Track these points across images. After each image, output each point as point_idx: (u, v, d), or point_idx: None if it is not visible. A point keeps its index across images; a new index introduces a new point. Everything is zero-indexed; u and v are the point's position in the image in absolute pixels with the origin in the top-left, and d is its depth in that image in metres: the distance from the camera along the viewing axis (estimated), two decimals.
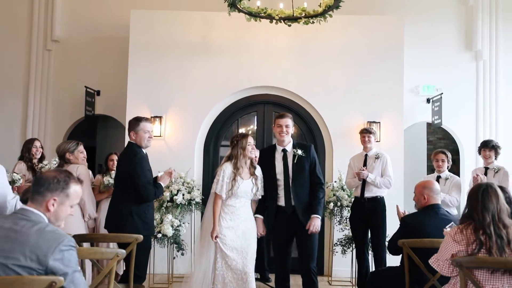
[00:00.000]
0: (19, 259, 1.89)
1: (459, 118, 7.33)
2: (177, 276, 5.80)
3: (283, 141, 4.08)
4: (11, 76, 7.34)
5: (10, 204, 2.68)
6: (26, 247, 1.91)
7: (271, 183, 4.05)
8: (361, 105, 6.42)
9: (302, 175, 4.01)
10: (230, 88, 6.45)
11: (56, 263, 1.89)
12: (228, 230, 3.92)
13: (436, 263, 2.76)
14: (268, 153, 4.18)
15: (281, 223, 4.02)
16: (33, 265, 1.89)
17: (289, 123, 4.10)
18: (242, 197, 3.98)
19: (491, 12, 7.39)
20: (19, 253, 1.90)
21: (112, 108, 7.26)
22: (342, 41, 6.46)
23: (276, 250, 4.12)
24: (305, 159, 4.03)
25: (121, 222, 3.80)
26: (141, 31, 6.45)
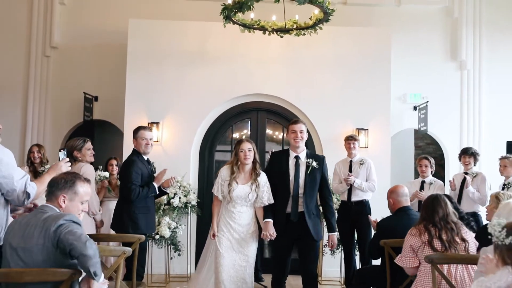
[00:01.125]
0: (33, 238, 2.23)
1: (444, 125, 7.64)
2: (173, 276, 6.02)
3: (298, 147, 4.02)
4: (11, 82, 7.53)
5: (19, 184, 2.71)
6: (38, 228, 2.25)
7: (284, 189, 3.97)
8: (350, 113, 6.70)
9: (314, 187, 3.98)
10: (225, 95, 6.70)
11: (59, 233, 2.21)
12: (224, 233, 3.96)
13: (399, 260, 3.24)
14: (280, 157, 4.11)
15: (286, 229, 3.96)
16: (45, 241, 2.22)
17: (303, 128, 4.04)
18: (237, 203, 3.98)
19: (475, 24, 7.73)
20: (34, 234, 2.25)
21: (109, 113, 7.47)
22: (332, 51, 6.74)
23: (278, 255, 4.07)
24: (317, 171, 3.99)
25: (113, 221, 4.41)
26: (139, 40, 6.68)
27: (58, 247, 2.22)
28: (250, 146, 4.06)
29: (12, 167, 2.72)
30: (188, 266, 6.20)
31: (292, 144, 4.07)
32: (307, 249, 3.96)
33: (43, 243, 2.23)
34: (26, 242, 2.24)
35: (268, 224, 3.91)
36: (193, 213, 6.13)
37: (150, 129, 4.81)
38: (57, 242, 2.22)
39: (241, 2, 4.98)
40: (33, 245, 2.23)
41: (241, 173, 4.03)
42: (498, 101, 7.67)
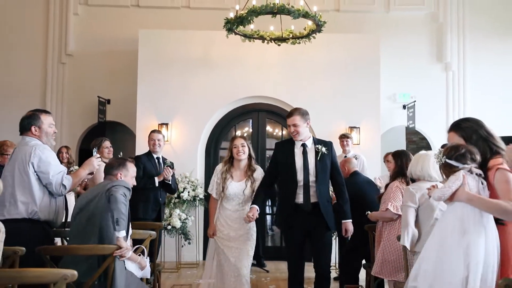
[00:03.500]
0: (98, 192, 3.06)
1: (432, 122, 8.24)
2: (184, 263, 6.66)
3: (297, 140, 3.84)
4: (29, 87, 8.14)
5: (54, 178, 3.20)
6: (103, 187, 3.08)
7: (291, 179, 3.77)
8: (343, 112, 7.30)
9: (325, 173, 3.80)
10: (227, 98, 7.32)
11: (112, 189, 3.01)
12: (222, 231, 3.98)
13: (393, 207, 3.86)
14: (285, 147, 3.91)
15: (298, 222, 3.76)
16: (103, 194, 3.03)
17: (297, 121, 3.77)
18: (233, 200, 3.96)
19: (459, 29, 8.32)
20: (99, 191, 3.07)
21: (121, 115, 8.09)
22: (325, 56, 7.34)
23: (292, 250, 3.81)
24: (327, 157, 3.82)
25: None
26: (149, 48, 7.28)
27: (108, 199, 2.98)
28: (243, 141, 4.00)
29: (49, 164, 3.25)
30: (197, 253, 6.84)
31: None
32: (321, 242, 3.76)
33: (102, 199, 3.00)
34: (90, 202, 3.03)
35: (252, 208, 3.78)
36: (200, 205, 6.76)
37: (159, 132, 5.54)
38: (109, 194, 2.99)
39: (242, 17, 5.59)
40: (95, 202, 3.00)
41: (236, 169, 4.01)
42: (481, 99, 8.25)
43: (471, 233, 2.39)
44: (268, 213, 7.67)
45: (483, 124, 2.69)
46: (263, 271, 6.47)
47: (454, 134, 2.72)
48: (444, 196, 2.51)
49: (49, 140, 3.45)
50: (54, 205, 3.32)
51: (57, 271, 2.01)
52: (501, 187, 2.43)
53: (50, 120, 3.47)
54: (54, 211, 3.34)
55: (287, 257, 3.89)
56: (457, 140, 2.67)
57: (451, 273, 2.40)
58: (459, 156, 2.52)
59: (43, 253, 2.79)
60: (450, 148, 2.59)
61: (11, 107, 7.98)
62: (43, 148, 3.32)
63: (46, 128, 3.40)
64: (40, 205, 3.23)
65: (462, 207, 2.46)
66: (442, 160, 2.58)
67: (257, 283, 5.85)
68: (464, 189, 2.45)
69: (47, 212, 3.27)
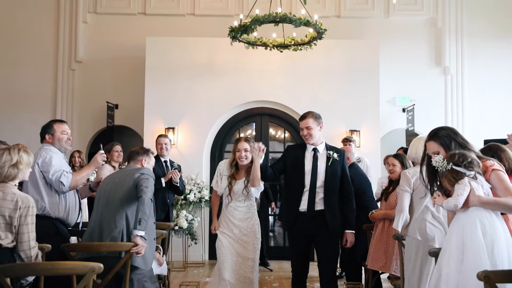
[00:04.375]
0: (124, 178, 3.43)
1: (431, 124, 8.28)
2: (190, 262, 6.91)
3: (309, 143, 3.79)
4: (41, 92, 8.42)
5: (53, 177, 3.52)
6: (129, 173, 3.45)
7: (298, 183, 3.72)
8: (343, 116, 7.53)
9: (335, 180, 3.72)
10: (232, 103, 7.57)
11: (139, 177, 3.35)
12: (225, 229, 3.96)
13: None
14: (296, 150, 3.86)
15: (300, 227, 3.70)
16: (130, 180, 3.38)
17: (310, 124, 3.75)
18: (236, 198, 3.94)
19: (457, 34, 8.54)
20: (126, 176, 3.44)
21: (129, 119, 8.35)
22: (326, 61, 7.58)
23: (295, 256, 3.79)
24: (338, 164, 3.75)
25: None
26: (156, 55, 7.54)
27: (135, 185, 3.32)
28: (247, 146, 3.92)
29: (50, 164, 3.58)
30: (203, 253, 7.09)
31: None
32: (325, 249, 3.70)
33: (129, 182, 3.36)
34: (117, 183, 3.39)
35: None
36: (206, 206, 7.02)
37: (165, 136, 5.80)
38: (136, 182, 3.32)
39: (246, 25, 5.85)
40: (121, 183, 3.36)
41: (241, 171, 4.00)
42: (479, 102, 8.47)
43: (491, 233, 2.50)
44: (271, 214, 7.90)
45: (457, 131, 2.90)
46: (267, 270, 6.71)
47: (433, 142, 2.85)
48: (459, 204, 2.57)
49: (62, 146, 3.76)
50: (64, 203, 3.60)
51: (86, 264, 2.27)
52: (500, 186, 2.62)
53: (62, 128, 3.78)
54: (65, 209, 3.61)
55: (291, 260, 3.86)
56: (437, 149, 2.82)
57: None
58: (468, 163, 2.62)
59: (66, 249, 3.04)
60: (458, 155, 2.66)
61: (24, 112, 8.29)
62: (48, 151, 3.65)
63: (59, 135, 3.74)
64: (49, 202, 3.54)
65: (476, 210, 2.57)
66: (448, 167, 2.64)
67: (261, 281, 6.04)
68: (474, 193, 2.57)
69: (57, 210, 3.57)
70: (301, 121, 3.82)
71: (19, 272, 2.42)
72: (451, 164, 2.63)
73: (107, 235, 3.23)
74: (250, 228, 3.94)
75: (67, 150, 3.84)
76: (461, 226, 2.61)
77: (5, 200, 2.74)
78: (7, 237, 2.71)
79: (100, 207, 3.39)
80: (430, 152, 2.87)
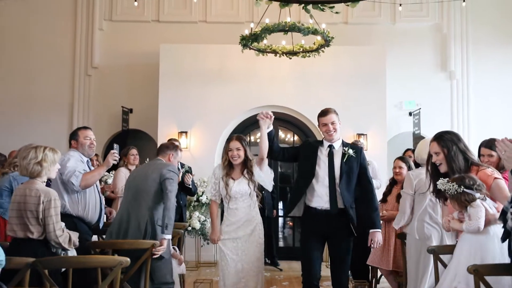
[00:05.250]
0: (151, 174, 3.74)
1: (437, 128, 8.44)
2: (203, 262, 7.17)
3: (332, 140, 3.66)
4: (58, 97, 8.74)
5: (66, 177, 3.76)
6: (156, 168, 3.78)
7: (304, 181, 3.63)
8: (351, 120, 7.73)
9: (351, 177, 3.57)
10: (242, 107, 7.82)
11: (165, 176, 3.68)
12: (229, 234, 3.85)
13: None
14: (311, 147, 3.74)
15: (314, 227, 3.57)
16: (157, 175, 3.70)
17: (334, 119, 3.65)
18: (237, 198, 3.81)
19: (462, 39, 8.72)
20: (152, 171, 3.77)
21: (143, 123, 8.64)
22: (334, 67, 7.80)
23: (307, 256, 3.61)
24: (354, 160, 3.60)
25: None
26: (169, 61, 7.82)
27: (160, 183, 3.68)
28: (239, 145, 3.82)
29: (65, 166, 3.83)
30: (215, 253, 7.32)
31: (326, 138, 3.70)
32: (339, 251, 3.58)
33: (155, 177, 3.70)
34: (146, 175, 3.75)
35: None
36: None
37: (175, 140, 6.02)
38: (162, 180, 3.67)
39: (256, 34, 6.10)
40: (149, 176, 3.71)
41: (235, 170, 3.88)
42: (484, 105, 8.63)
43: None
44: (281, 216, 8.13)
45: (461, 138, 3.09)
46: (276, 270, 6.95)
47: (436, 144, 3.03)
48: (482, 226, 2.69)
49: (85, 150, 4.05)
50: (83, 202, 3.87)
51: (115, 258, 2.54)
52: (500, 195, 2.79)
53: (85, 134, 4.07)
54: (84, 208, 3.88)
55: (302, 262, 3.68)
56: (438, 150, 3.01)
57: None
58: (478, 186, 2.75)
59: (92, 246, 3.31)
60: (468, 179, 2.78)
61: (41, 117, 8.62)
62: (67, 154, 3.98)
63: (82, 140, 4.04)
64: (69, 200, 3.82)
65: (493, 227, 2.71)
66: (459, 190, 2.74)
67: (271, 280, 6.33)
68: (489, 213, 2.73)
69: (76, 208, 3.84)
70: (324, 117, 3.66)
71: (56, 264, 2.70)
72: (462, 187, 2.74)
73: (133, 225, 3.57)
74: (252, 228, 3.80)
75: (90, 155, 4.10)
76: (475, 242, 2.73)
77: (31, 196, 3.02)
78: (37, 231, 2.98)
79: (129, 197, 3.73)
80: (431, 152, 3.05)
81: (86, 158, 4.06)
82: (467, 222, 2.73)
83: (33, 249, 2.92)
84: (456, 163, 2.94)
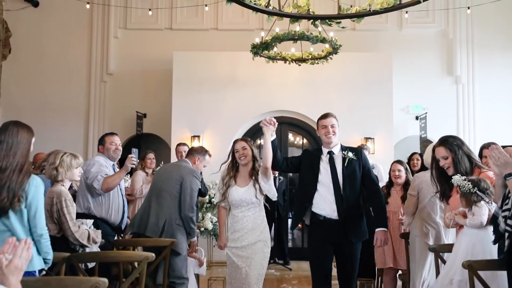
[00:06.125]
0: (173, 174, 4.05)
1: (443, 131, 8.65)
2: (215, 261, 7.42)
3: (330, 142, 3.61)
4: (75, 103, 9.07)
5: (90, 181, 4.02)
6: (179, 170, 4.08)
7: (308, 191, 3.57)
8: (358, 124, 7.96)
9: (354, 181, 3.52)
10: (253, 112, 8.08)
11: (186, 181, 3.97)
12: (233, 240, 3.76)
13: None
14: (311, 155, 3.71)
15: (322, 235, 3.49)
16: (178, 177, 3.99)
17: (335, 122, 3.64)
18: (242, 206, 3.69)
19: (467, 44, 8.91)
20: (175, 172, 4.08)
21: (156, 127, 8.93)
22: (342, 73, 8.03)
23: (315, 266, 3.55)
24: (356, 163, 3.55)
25: None
26: (182, 68, 8.10)
27: (181, 186, 3.96)
28: (244, 144, 3.79)
29: (88, 171, 4.10)
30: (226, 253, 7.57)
31: (324, 141, 3.66)
32: (345, 259, 3.51)
33: (177, 178, 3.99)
34: (169, 176, 4.03)
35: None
36: None
37: (184, 144, 6.35)
38: (182, 182, 3.96)
39: (266, 42, 6.36)
40: (172, 176, 4.00)
41: (241, 174, 3.78)
42: (490, 109, 8.80)
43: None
44: (290, 217, 8.36)
45: (464, 141, 3.29)
46: (286, 269, 7.18)
47: (443, 148, 3.21)
48: (485, 222, 2.91)
49: (110, 155, 4.30)
50: (107, 204, 4.13)
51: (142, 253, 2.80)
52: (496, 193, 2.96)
53: (111, 140, 4.33)
54: (108, 210, 4.13)
55: (312, 272, 3.58)
56: (446, 154, 3.19)
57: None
58: (490, 192, 2.95)
59: (116, 244, 3.58)
60: (483, 183, 2.98)
61: (59, 121, 8.94)
62: (93, 160, 4.28)
63: (108, 145, 4.32)
64: (93, 203, 4.08)
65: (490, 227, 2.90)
66: (472, 190, 2.93)
67: (281, 279, 6.57)
68: (491, 213, 2.90)
69: (100, 210, 4.10)
70: (324, 119, 3.65)
71: (89, 258, 2.97)
72: (476, 188, 2.95)
73: (152, 221, 3.87)
74: (257, 236, 3.67)
75: (115, 159, 4.37)
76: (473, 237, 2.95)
77: (48, 197, 3.30)
78: (52, 228, 3.25)
79: (153, 194, 4.03)
80: (438, 157, 3.22)
81: (112, 162, 4.32)
82: (470, 218, 2.93)
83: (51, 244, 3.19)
84: (462, 166, 3.12)
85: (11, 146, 2.47)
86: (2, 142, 2.44)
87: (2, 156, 2.43)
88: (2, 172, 2.43)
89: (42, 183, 2.57)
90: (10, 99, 9.03)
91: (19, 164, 2.46)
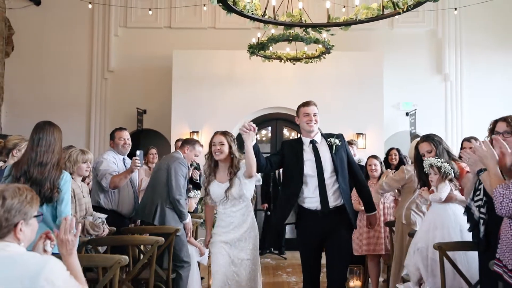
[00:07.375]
0: (163, 164, 4.34)
1: (432, 127, 9.09)
2: None
3: (312, 131, 3.51)
4: (77, 99, 9.35)
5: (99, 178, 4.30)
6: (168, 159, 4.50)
7: (297, 181, 3.41)
8: (350, 120, 8.30)
9: (344, 167, 3.45)
10: (250, 109, 8.40)
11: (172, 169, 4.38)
12: (217, 237, 3.51)
13: None
14: (292, 146, 3.55)
15: (311, 228, 3.37)
16: (165, 166, 4.44)
17: (316, 111, 3.57)
18: (225, 203, 3.47)
19: (456, 43, 9.26)
20: (164, 162, 4.51)
21: (156, 123, 9.24)
22: (335, 71, 8.36)
23: (306, 260, 3.45)
24: (342, 149, 3.49)
25: None
26: (181, 66, 8.40)
27: (167, 173, 4.30)
28: (222, 139, 3.59)
29: (97, 169, 4.37)
30: None
31: (305, 129, 3.55)
32: (335, 251, 3.36)
33: (164, 167, 4.36)
34: (159, 166, 4.42)
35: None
36: None
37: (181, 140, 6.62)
38: (168, 170, 4.30)
39: (262, 43, 6.68)
40: (162, 167, 4.37)
41: (220, 169, 3.58)
42: (477, 106, 9.15)
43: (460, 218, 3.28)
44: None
45: (442, 139, 3.72)
46: (281, 258, 7.55)
47: (427, 143, 3.63)
48: (443, 198, 3.35)
49: (119, 150, 4.61)
50: (116, 197, 4.43)
51: (153, 237, 3.14)
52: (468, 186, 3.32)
53: (120, 135, 4.61)
54: (117, 203, 4.43)
55: (302, 265, 3.50)
56: (430, 148, 3.59)
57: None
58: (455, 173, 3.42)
59: (126, 231, 3.92)
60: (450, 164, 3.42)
61: (61, 117, 9.08)
62: (101, 156, 4.55)
63: (117, 140, 4.60)
64: (103, 197, 4.36)
65: (449, 203, 3.38)
66: (439, 164, 3.38)
67: (276, 267, 6.94)
68: (452, 192, 3.39)
69: (109, 204, 4.39)
70: (306, 107, 3.58)
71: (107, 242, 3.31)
72: (443, 161, 3.41)
73: (148, 209, 4.26)
74: (242, 233, 3.47)
75: (124, 153, 4.64)
76: (436, 213, 3.43)
77: None
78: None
79: (151, 183, 4.44)
80: (423, 151, 3.62)
81: (122, 156, 4.62)
82: (434, 194, 3.38)
83: None
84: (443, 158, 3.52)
85: (50, 144, 2.82)
86: (41, 140, 2.77)
87: (42, 152, 2.79)
88: (44, 166, 2.77)
89: (70, 177, 2.95)
90: (13, 96, 9.31)
91: (56, 160, 2.81)
